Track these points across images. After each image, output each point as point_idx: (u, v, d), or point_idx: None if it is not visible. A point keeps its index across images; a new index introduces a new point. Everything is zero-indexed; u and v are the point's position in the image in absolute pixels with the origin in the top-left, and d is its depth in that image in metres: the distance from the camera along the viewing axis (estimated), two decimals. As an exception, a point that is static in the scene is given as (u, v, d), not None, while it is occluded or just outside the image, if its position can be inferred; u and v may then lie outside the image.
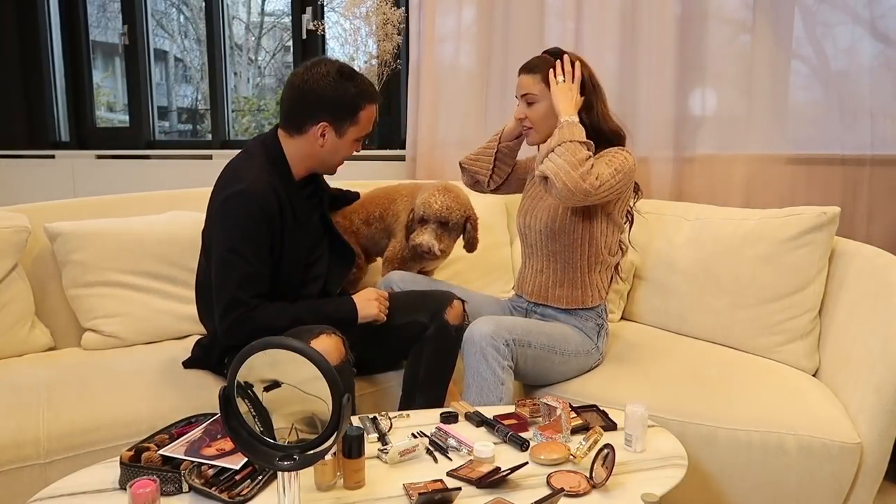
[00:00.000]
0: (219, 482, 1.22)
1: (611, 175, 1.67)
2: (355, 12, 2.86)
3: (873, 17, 2.33)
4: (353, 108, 1.65)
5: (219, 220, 1.62)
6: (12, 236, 1.95)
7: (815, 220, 1.87)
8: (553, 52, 1.82)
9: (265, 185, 1.60)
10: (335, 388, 1.05)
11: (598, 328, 1.85)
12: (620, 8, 2.55)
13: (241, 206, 1.58)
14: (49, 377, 1.73)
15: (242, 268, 1.58)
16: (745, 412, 1.58)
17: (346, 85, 1.63)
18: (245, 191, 1.58)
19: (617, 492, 1.23)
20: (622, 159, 1.72)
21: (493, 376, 1.62)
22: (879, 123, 2.34)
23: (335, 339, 1.54)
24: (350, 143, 1.69)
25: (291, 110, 1.66)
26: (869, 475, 1.51)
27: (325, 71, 1.62)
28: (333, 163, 1.74)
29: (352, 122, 1.66)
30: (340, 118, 1.65)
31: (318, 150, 1.67)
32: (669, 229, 2.21)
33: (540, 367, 1.75)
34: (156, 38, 3.69)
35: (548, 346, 1.74)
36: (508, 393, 1.64)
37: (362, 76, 1.68)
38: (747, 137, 2.48)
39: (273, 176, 1.64)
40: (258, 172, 1.62)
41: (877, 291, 1.66)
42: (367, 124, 1.69)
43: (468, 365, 1.66)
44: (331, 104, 1.62)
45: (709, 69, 2.51)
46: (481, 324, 1.67)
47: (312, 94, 1.62)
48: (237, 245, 1.58)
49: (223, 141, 3.45)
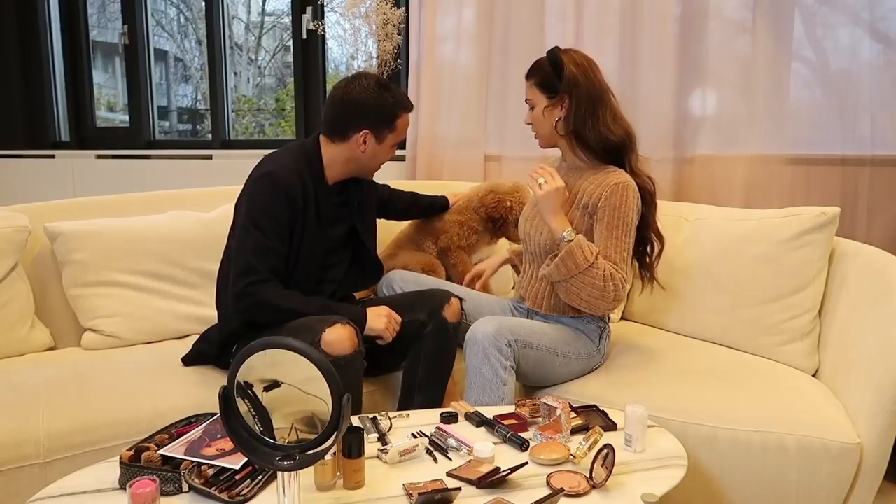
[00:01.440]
0: (219, 482, 1.22)
1: (624, 252, 1.70)
2: (355, 12, 2.86)
3: (873, 19, 2.33)
4: (391, 117, 1.76)
5: (246, 197, 1.73)
6: (12, 236, 1.96)
7: (815, 221, 1.87)
8: (551, 53, 1.79)
9: (293, 172, 1.71)
10: (335, 388, 1.05)
11: (599, 331, 1.84)
12: (620, 8, 2.55)
13: (267, 186, 1.69)
14: (49, 377, 1.73)
15: (261, 239, 1.66)
16: (745, 412, 1.58)
17: (384, 95, 1.74)
18: (273, 172, 1.70)
19: (617, 492, 1.23)
20: (623, 212, 1.70)
21: (496, 376, 1.62)
22: (879, 124, 2.34)
23: (349, 328, 1.59)
24: (388, 148, 1.81)
25: (335, 119, 1.77)
26: (869, 475, 1.51)
27: (367, 84, 1.74)
28: (372, 167, 1.84)
29: (390, 129, 1.77)
30: (380, 126, 1.76)
31: (360, 155, 1.77)
32: (669, 229, 2.20)
33: (541, 369, 1.75)
34: (156, 38, 3.69)
35: (550, 347, 1.74)
36: (510, 393, 1.64)
37: (398, 88, 1.81)
38: (747, 138, 2.48)
39: (304, 168, 1.74)
40: (289, 161, 1.73)
41: (877, 291, 1.66)
42: (402, 131, 1.81)
43: (470, 365, 1.66)
44: (371, 113, 1.74)
45: (709, 69, 2.51)
46: (484, 324, 1.67)
47: (354, 104, 1.74)
48: (259, 218, 1.68)
49: (223, 141, 3.45)
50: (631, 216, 1.71)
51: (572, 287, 1.67)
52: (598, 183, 1.74)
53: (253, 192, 1.70)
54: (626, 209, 1.70)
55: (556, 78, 1.76)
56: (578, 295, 1.68)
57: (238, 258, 1.68)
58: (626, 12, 2.56)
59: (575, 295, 1.68)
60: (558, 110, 1.78)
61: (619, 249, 1.69)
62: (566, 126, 1.78)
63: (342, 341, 1.55)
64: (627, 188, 1.72)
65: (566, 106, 1.76)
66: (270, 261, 1.67)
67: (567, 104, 1.76)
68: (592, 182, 1.76)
